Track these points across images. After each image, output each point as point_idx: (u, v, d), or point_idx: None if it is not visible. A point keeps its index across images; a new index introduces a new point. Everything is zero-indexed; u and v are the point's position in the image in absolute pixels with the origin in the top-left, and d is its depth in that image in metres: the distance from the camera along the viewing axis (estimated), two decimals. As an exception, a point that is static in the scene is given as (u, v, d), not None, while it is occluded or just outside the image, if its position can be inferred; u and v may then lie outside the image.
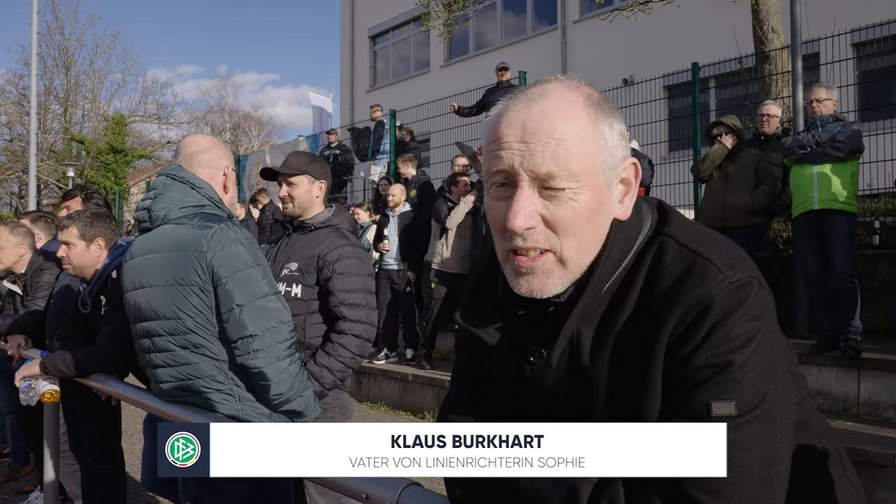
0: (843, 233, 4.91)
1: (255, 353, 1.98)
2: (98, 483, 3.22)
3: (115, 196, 19.96)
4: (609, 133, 0.93)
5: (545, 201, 0.90)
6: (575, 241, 0.91)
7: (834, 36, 6.69)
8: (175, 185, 2.13)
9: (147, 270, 2.09)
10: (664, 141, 8.88)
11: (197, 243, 1.99)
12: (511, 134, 0.90)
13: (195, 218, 2.07)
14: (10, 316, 3.92)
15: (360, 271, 2.68)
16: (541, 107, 0.91)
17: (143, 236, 2.17)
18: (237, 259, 2.00)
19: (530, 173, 0.89)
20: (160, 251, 2.07)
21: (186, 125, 33.51)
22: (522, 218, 0.89)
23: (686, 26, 11.89)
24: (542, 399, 1.02)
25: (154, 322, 2.08)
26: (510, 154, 0.90)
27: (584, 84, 0.96)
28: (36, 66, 18.76)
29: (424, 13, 12.28)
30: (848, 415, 4.81)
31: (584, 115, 0.91)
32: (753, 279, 0.88)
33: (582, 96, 0.93)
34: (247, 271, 2.01)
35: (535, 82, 0.96)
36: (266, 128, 39.32)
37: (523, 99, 0.93)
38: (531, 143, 0.89)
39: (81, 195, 3.86)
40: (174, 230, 2.07)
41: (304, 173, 2.74)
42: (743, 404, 0.84)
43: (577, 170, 0.89)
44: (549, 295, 0.94)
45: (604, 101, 0.95)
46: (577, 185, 0.89)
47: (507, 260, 0.95)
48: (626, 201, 0.97)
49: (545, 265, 0.92)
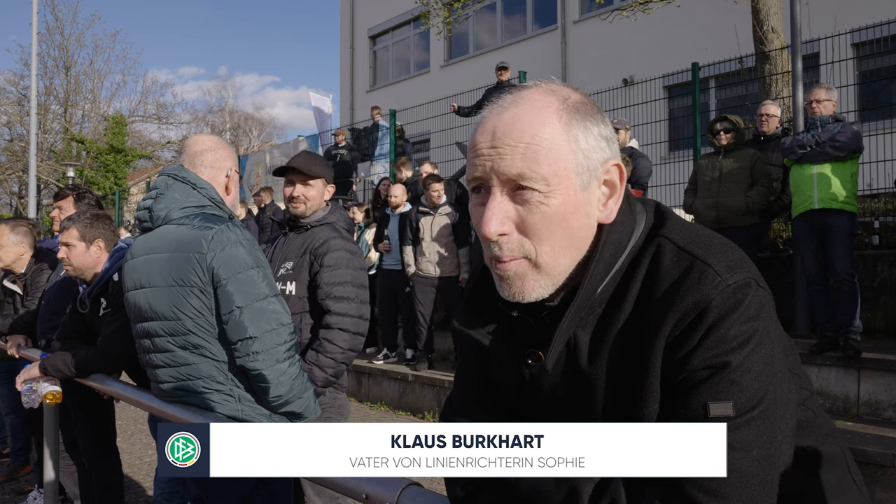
0: (843, 232, 4.91)
1: (255, 354, 1.97)
2: (95, 481, 3.23)
3: (115, 196, 19.95)
4: (583, 136, 0.93)
5: (517, 206, 0.91)
6: (548, 245, 0.92)
7: (834, 36, 6.70)
8: (176, 184, 2.12)
9: (148, 271, 2.09)
10: (664, 141, 8.88)
11: (197, 244, 1.98)
12: (483, 141, 0.92)
13: (196, 218, 2.06)
14: (10, 316, 3.93)
15: (350, 264, 2.64)
16: (511, 113, 0.92)
17: (143, 236, 2.17)
18: (237, 261, 2.00)
19: (500, 176, 0.90)
20: (161, 251, 2.07)
21: (186, 125, 33.57)
22: (494, 224, 0.90)
23: (686, 26, 11.90)
24: (541, 401, 1.02)
25: (154, 322, 2.08)
26: (482, 160, 0.92)
27: (563, 87, 0.96)
28: (36, 66, 18.75)
29: (424, 13, 12.27)
30: (848, 415, 4.82)
31: (555, 118, 0.91)
32: (751, 280, 0.88)
33: (557, 100, 0.93)
34: (247, 273, 2.01)
35: (514, 88, 0.97)
36: (266, 128, 39.41)
37: (497, 107, 0.94)
38: (500, 147, 0.90)
39: (73, 195, 3.85)
40: (175, 231, 2.06)
41: (321, 177, 2.77)
42: (741, 405, 0.84)
43: (548, 173, 0.89)
44: (533, 299, 0.94)
45: (582, 103, 0.95)
46: (548, 188, 0.89)
47: (491, 265, 0.96)
48: (611, 204, 0.96)
49: (518, 268, 0.93)
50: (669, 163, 8.36)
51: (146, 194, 2.18)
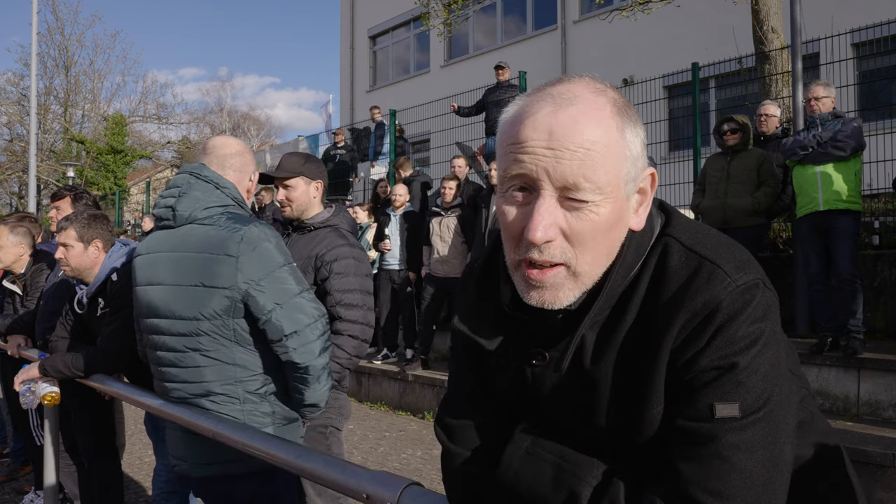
0: (847, 233, 4.89)
1: (297, 350, 2.00)
2: (95, 481, 3.22)
3: (115, 196, 19.94)
4: (634, 142, 0.90)
5: (566, 212, 0.87)
6: (591, 255, 0.89)
7: (834, 36, 6.69)
8: (199, 183, 2.11)
9: (169, 268, 2.06)
10: (664, 141, 8.88)
11: (226, 245, 1.98)
12: (537, 138, 0.86)
13: (221, 218, 2.06)
14: (9, 316, 3.93)
15: (358, 271, 2.66)
16: (569, 113, 0.86)
17: (162, 233, 2.13)
18: (269, 259, 2.01)
19: (555, 181, 0.86)
20: (185, 251, 2.05)
21: (186, 125, 33.56)
22: (542, 230, 0.85)
23: (686, 26, 11.89)
24: (543, 402, 1.01)
25: (167, 320, 2.06)
26: (534, 159, 0.86)
27: (608, 87, 0.92)
28: (36, 66, 18.76)
29: (424, 13, 12.27)
30: (848, 415, 4.82)
31: (613, 123, 0.88)
32: (759, 281, 0.88)
33: (609, 102, 0.89)
34: (279, 272, 2.02)
35: (558, 81, 0.92)
36: (265, 128, 39.41)
37: (549, 101, 0.88)
38: (559, 150, 0.85)
39: (70, 195, 3.85)
40: (201, 231, 2.05)
41: (300, 175, 2.72)
42: (746, 406, 0.84)
43: (604, 182, 0.86)
44: (561, 307, 0.91)
45: (627, 106, 0.92)
46: (601, 197, 0.86)
47: (517, 269, 0.91)
48: (641, 212, 0.94)
49: (556, 278, 0.89)
50: (669, 163, 8.36)
51: (166, 192, 2.14)
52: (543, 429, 1.01)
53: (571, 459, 0.94)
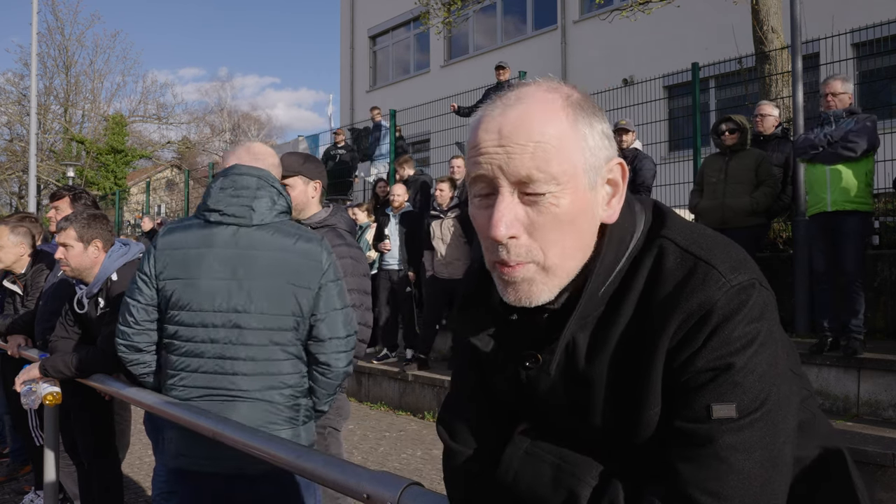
0: (854, 234, 4.87)
1: (340, 354, 2.17)
2: (95, 481, 3.23)
3: (115, 196, 19.94)
4: (589, 133, 0.91)
5: (527, 207, 0.88)
6: (558, 248, 0.90)
7: (834, 36, 6.70)
8: (268, 188, 2.16)
9: (246, 265, 2.07)
10: (664, 141, 8.88)
11: (317, 253, 2.15)
12: (488, 139, 0.89)
13: (290, 226, 2.18)
14: (9, 316, 3.93)
15: (355, 271, 2.66)
16: (517, 110, 0.89)
17: (219, 229, 2.11)
18: (338, 271, 2.23)
19: (510, 177, 0.88)
20: (264, 249, 2.09)
21: (186, 125, 33.55)
22: (504, 226, 0.87)
23: (686, 26, 11.90)
24: (539, 403, 1.01)
25: (242, 314, 2.06)
26: (489, 159, 0.89)
27: (563, 85, 0.94)
28: (36, 66, 18.77)
29: (424, 13, 12.26)
30: (848, 415, 4.82)
31: (563, 116, 0.89)
32: (755, 281, 0.87)
33: (560, 97, 0.91)
34: (342, 280, 2.23)
35: (513, 86, 0.95)
36: (265, 128, 39.37)
37: (500, 104, 0.91)
38: (509, 146, 0.87)
39: (69, 195, 3.84)
40: (279, 235, 2.12)
41: (298, 174, 2.71)
42: (744, 406, 0.84)
43: (558, 172, 0.87)
44: (539, 303, 0.92)
45: (585, 100, 0.93)
46: (558, 188, 0.87)
47: (493, 269, 0.94)
48: (614, 203, 0.95)
49: (526, 273, 0.90)
50: (670, 163, 8.35)
51: (237, 191, 2.13)
52: (542, 429, 1.01)
53: (571, 460, 0.94)
